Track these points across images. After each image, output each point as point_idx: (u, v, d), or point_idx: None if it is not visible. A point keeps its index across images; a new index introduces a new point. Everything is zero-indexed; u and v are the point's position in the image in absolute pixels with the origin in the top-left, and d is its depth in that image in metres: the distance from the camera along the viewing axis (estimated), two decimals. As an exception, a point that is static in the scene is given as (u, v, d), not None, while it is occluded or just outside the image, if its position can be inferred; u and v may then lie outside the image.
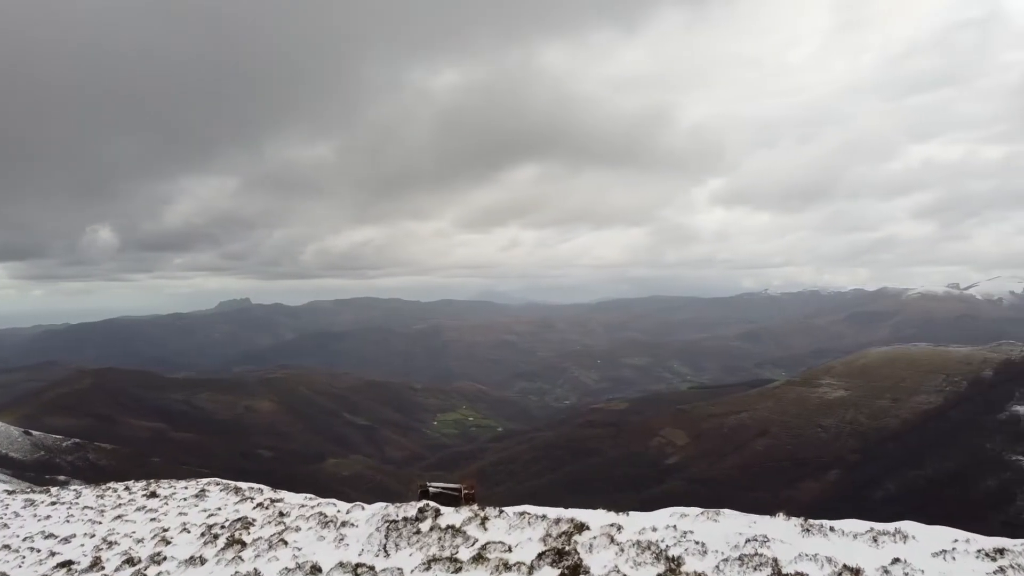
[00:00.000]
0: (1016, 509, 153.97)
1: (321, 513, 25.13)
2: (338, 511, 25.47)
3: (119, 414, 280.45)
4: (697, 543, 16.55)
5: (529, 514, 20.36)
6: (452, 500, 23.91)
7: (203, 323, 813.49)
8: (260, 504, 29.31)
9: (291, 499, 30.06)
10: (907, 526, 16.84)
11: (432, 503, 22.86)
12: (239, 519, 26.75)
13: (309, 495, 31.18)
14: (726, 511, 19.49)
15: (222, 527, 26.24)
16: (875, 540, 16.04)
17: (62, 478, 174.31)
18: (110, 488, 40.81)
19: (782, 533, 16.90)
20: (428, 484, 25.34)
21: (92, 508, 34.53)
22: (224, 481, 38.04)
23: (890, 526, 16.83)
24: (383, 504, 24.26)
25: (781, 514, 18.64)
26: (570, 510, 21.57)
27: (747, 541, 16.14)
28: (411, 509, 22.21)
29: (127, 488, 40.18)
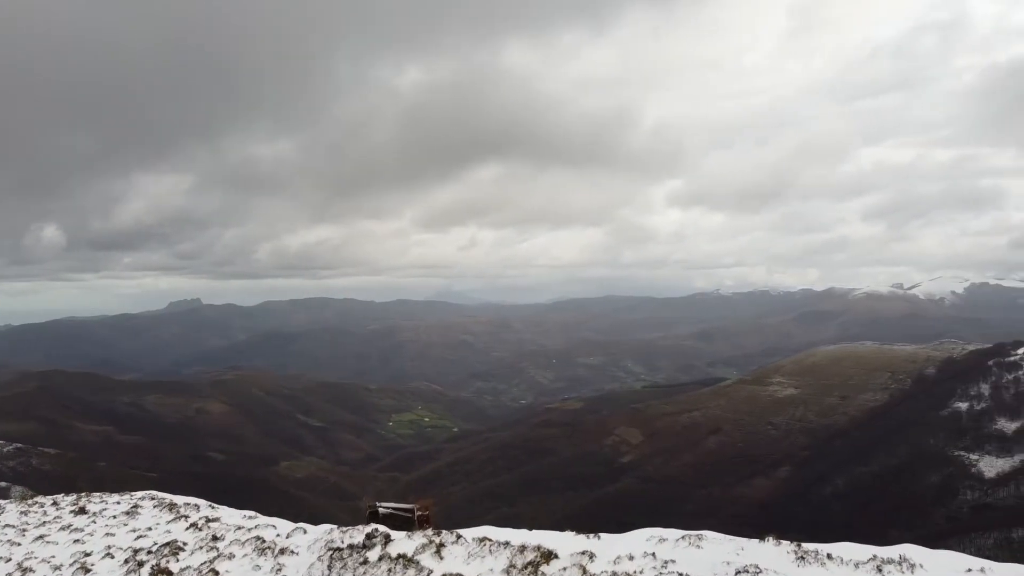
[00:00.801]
0: (958, 503, 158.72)
1: (258, 537, 22.77)
2: (277, 535, 23.12)
3: (64, 418, 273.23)
4: (681, 576, 14.90)
5: (490, 540, 18.55)
6: (404, 523, 21.60)
7: (153, 324, 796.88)
8: (194, 524, 26.80)
9: (228, 518, 27.58)
10: (912, 552, 15.62)
11: (382, 527, 20.80)
12: (168, 543, 24.30)
13: (249, 513, 28.69)
14: (708, 534, 17.82)
15: (149, 552, 23.84)
16: (879, 570, 14.68)
17: (3, 484, 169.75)
18: (37, 503, 37.17)
19: (774, 561, 15.45)
20: (378, 504, 22.59)
21: (14, 527, 31.78)
22: (160, 495, 34.58)
23: (893, 551, 15.55)
24: (327, 527, 22.25)
25: (771, 538, 16.85)
26: (536, 533, 20.22)
27: (737, 573, 14.81)
28: (358, 534, 20.22)
29: (55, 503, 36.62)
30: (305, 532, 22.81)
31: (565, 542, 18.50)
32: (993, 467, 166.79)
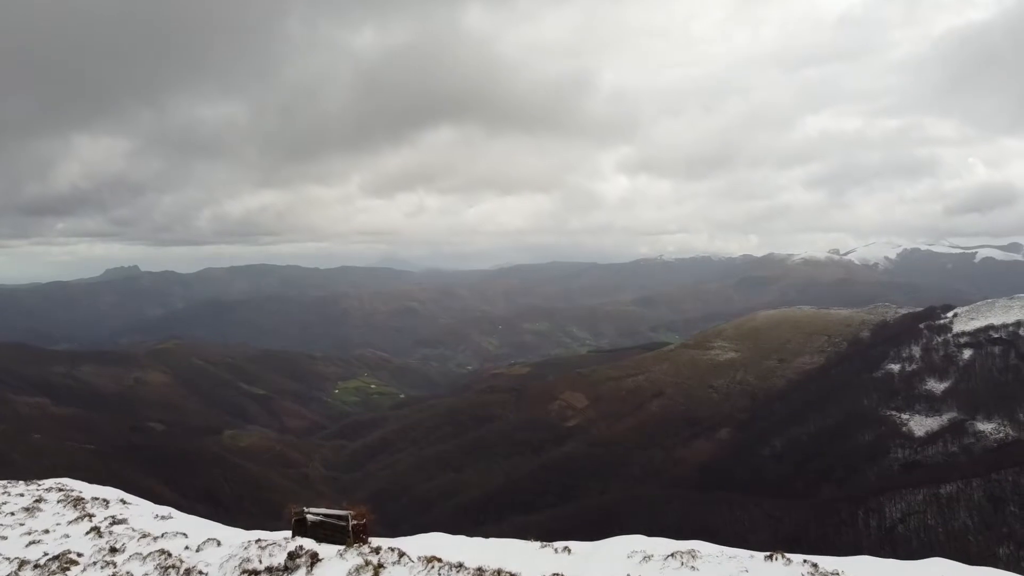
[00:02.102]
0: (890, 461, 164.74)
1: (164, 551, 19.49)
2: (186, 547, 19.93)
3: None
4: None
5: (439, 562, 15.67)
6: (337, 532, 18.62)
7: (87, 292, 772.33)
8: (96, 529, 23.11)
9: (137, 519, 24.27)
10: (941, 568, 13.77)
11: (309, 543, 18.13)
12: (60, 555, 20.76)
13: (164, 512, 25.50)
14: (702, 549, 15.33)
15: (36, 566, 20.47)
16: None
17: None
18: None
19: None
20: (306, 510, 19.40)
21: None
22: (71, 486, 30.73)
23: (921, 568, 13.70)
24: (245, 540, 19.36)
25: (779, 555, 14.47)
26: (495, 545, 18.03)
27: None
28: (279, 553, 17.51)
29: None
30: (219, 544, 19.82)
31: (531, 559, 16.35)
32: (922, 426, 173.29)
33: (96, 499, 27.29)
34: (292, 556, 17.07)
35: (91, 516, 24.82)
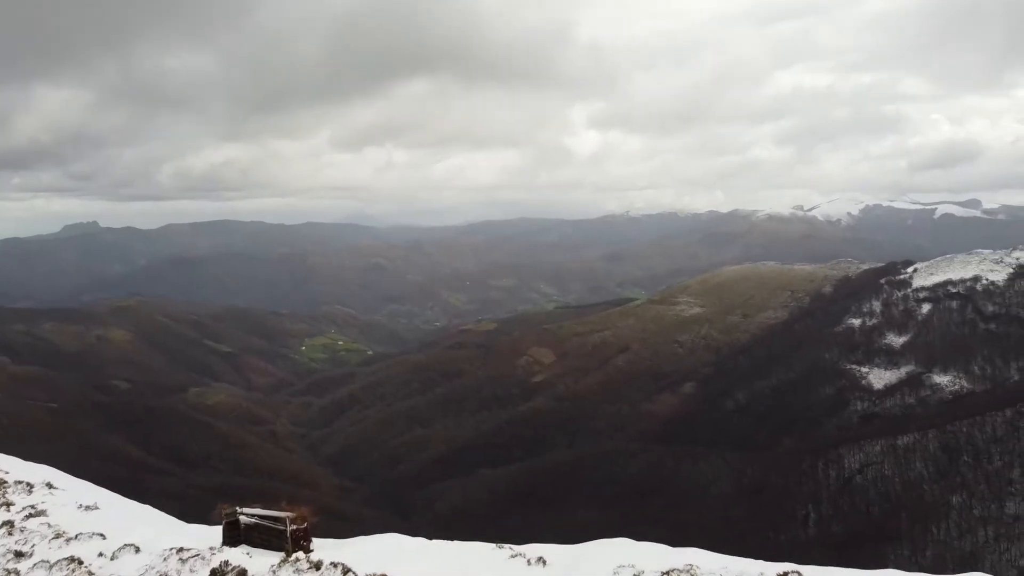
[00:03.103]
0: (849, 413, 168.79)
1: (73, 558, 17.23)
2: (100, 553, 17.46)
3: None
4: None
5: None
6: (274, 537, 16.32)
7: (46, 249, 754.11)
8: (9, 523, 20.11)
9: (58, 512, 21.10)
10: None
11: (237, 555, 15.76)
12: None
13: (88, 502, 22.06)
14: (701, 564, 13.88)
15: None
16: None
17: None
18: None
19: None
20: (238, 511, 17.01)
21: None
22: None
23: None
24: (165, 550, 16.81)
25: (791, 566, 12.71)
26: (456, 548, 16.51)
27: None
28: (201, 568, 15.47)
29: None
30: (137, 551, 17.43)
31: (499, 572, 14.98)
32: (881, 379, 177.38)
33: (20, 483, 24.10)
34: (216, 574, 14.81)
35: (9, 505, 21.93)
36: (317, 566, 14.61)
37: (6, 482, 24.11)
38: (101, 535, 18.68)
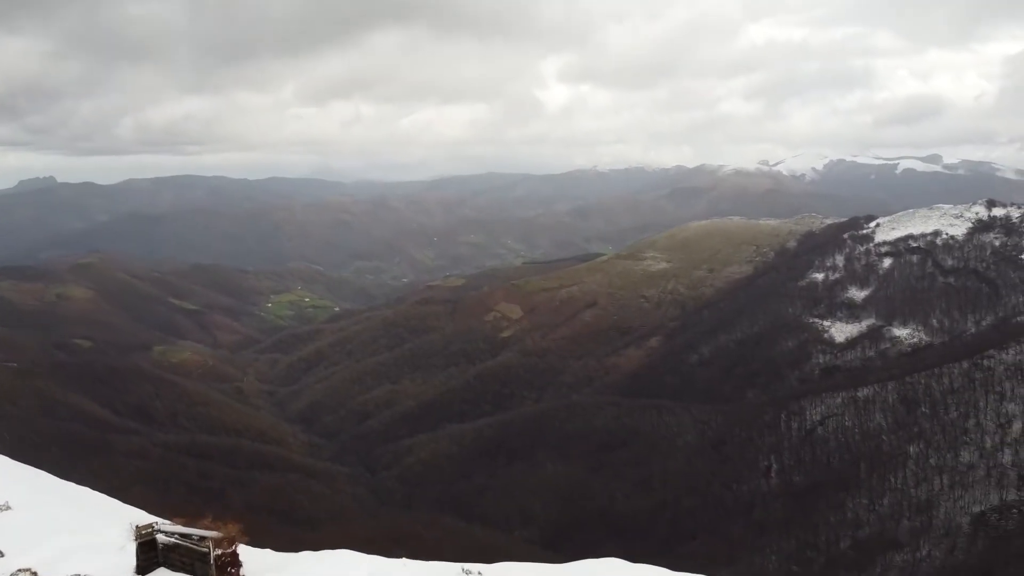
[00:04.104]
0: (811, 366, 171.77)
1: None
2: None
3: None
4: None
5: None
6: (197, 562, 13.94)
7: (1, 205, 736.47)
8: None
9: None
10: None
11: None
12: None
13: (1, 503, 18.84)
14: None
15: None
16: None
17: None
18: None
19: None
20: (155, 527, 14.42)
21: None
22: None
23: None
24: None
25: None
26: (409, 569, 14.71)
27: None
28: None
29: None
30: None
31: None
32: (843, 332, 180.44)
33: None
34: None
35: None
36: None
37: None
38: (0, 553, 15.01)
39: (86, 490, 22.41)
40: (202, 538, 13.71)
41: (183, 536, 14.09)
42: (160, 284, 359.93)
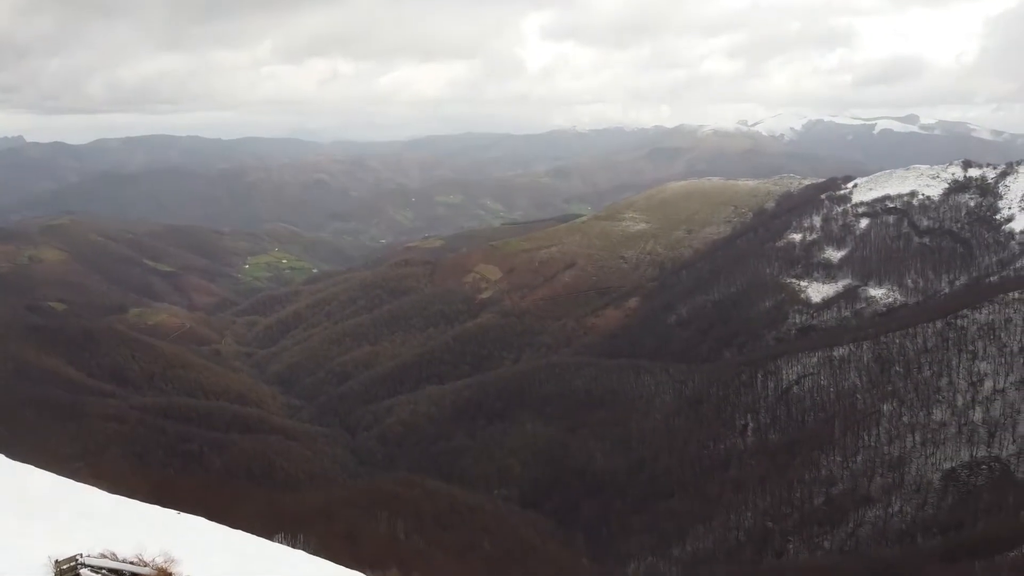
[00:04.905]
0: (787, 326, 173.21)
1: None
2: None
3: None
4: None
5: None
6: None
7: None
8: None
9: None
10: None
11: None
12: None
13: None
14: None
15: None
16: None
17: None
18: None
19: None
20: (80, 560, 12.31)
21: None
22: None
23: None
24: None
25: None
26: None
27: None
28: None
29: None
30: None
31: None
32: (819, 292, 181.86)
33: None
34: None
35: None
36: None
37: None
38: None
39: None
40: (134, 574, 11.87)
41: (112, 572, 12.05)
42: (134, 245, 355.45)
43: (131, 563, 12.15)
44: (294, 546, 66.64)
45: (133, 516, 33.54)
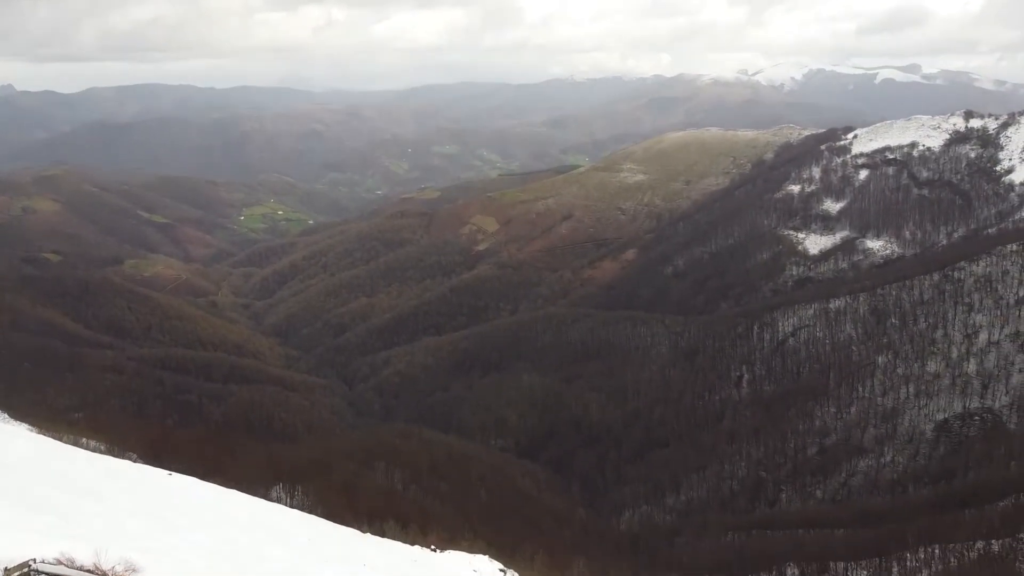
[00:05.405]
0: (784, 278, 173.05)
1: None
2: None
3: None
4: None
5: None
6: None
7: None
8: None
9: None
10: None
11: None
12: None
13: None
14: None
15: None
16: None
17: None
18: None
19: None
20: (33, 566, 11.65)
21: None
22: None
23: None
24: None
25: None
26: None
27: None
28: None
29: None
30: None
31: None
32: (817, 244, 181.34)
33: None
34: None
35: None
36: None
37: None
38: None
39: None
40: None
41: None
42: (128, 196, 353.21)
43: (88, 571, 11.55)
44: (291, 498, 67.25)
45: (115, 489, 32.33)
